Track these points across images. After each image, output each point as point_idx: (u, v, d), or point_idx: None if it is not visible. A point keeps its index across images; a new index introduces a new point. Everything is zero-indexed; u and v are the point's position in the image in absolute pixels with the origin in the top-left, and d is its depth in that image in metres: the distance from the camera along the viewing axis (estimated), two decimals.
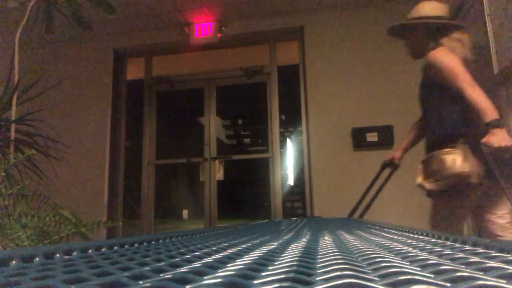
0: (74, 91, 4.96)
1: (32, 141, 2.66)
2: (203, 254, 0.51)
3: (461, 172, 1.77)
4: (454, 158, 1.80)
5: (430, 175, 1.89)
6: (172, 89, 5.16)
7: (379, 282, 0.31)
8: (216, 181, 4.75)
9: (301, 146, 4.59)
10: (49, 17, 2.84)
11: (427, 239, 0.69)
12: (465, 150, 1.80)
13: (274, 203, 4.52)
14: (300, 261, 0.43)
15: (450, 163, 1.80)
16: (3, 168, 1.85)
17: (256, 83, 4.92)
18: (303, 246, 0.61)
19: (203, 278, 0.33)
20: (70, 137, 4.54)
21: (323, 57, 4.49)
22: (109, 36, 5.01)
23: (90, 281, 0.33)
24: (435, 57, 1.93)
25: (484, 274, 0.33)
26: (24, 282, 0.32)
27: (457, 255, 0.46)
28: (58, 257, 0.48)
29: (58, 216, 1.68)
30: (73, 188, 4.59)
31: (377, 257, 0.45)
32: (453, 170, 1.79)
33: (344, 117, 4.26)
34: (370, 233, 0.91)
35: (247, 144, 7.56)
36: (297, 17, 4.66)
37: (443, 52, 1.92)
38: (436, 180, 1.86)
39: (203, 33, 4.78)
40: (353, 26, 4.50)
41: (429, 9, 2.05)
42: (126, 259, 0.47)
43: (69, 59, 5.07)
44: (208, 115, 4.95)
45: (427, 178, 1.92)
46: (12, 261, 0.43)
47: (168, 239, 0.75)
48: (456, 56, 1.89)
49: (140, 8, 4.46)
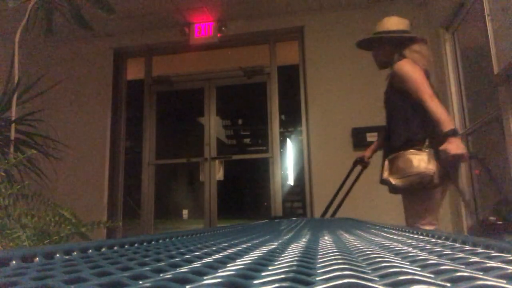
0: (74, 91, 4.96)
1: (32, 141, 2.66)
2: (203, 254, 0.51)
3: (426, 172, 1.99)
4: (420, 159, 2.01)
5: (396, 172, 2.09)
6: (172, 89, 5.16)
7: (379, 282, 0.31)
8: (216, 181, 4.75)
9: (301, 146, 4.59)
10: (49, 17, 2.84)
11: (427, 239, 0.69)
12: (430, 153, 2.03)
13: (274, 203, 4.52)
14: (300, 261, 0.43)
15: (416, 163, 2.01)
16: (3, 168, 1.85)
17: (256, 83, 4.92)
18: (303, 246, 0.61)
19: (203, 278, 0.33)
20: (70, 137, 4.54)
21: (323, 57, 4.49)
22: (109, 36, 5.01)
23: (90, 281, 0.33)
24: (401, 68, 2.12)
25: (484, 274, 0.33)
26: (24, 282, 0.32)
27: (457, 255, 0.46)
28: (58, 257, 0.48)
29: (58, 216, 1.68)
30: (73, 188, 4.59)
31: (377, 257, 0.45)
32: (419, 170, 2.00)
33: (344, 117, 4.26)
34: (370, 233, 0.91)
35: (247, 144, 7.56)
36: (297, 17, 4.66)
37: (408, 63, 2.12)
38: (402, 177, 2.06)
39: (203, 33, 4.78)
40: (353, 26, 4.49)
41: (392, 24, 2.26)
42: (126, 259, 0.47)
43: (69, 59, 5.07)
44: (208, 115, 4.95)
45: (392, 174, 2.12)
46: (12, 261, 0.43)
47: (168, 239, 0.75)
48: (419, 68, 2.10)
49: (140, 8, 4.46)
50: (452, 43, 3.88)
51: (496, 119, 2.96)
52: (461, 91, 3.74)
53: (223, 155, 4.94)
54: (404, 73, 2.10)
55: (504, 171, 2.86)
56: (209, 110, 4.96)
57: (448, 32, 3.91)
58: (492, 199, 2.03)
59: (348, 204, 2.77)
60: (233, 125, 7.27)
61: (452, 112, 3.78)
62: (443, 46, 3.92)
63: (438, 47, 4.05)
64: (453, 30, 3.84)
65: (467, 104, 3.67)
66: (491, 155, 3.33)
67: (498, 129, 2.94)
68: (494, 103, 2.97)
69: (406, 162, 2.05)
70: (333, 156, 4.23)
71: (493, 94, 3.00)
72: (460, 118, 3.73)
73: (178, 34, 4.87)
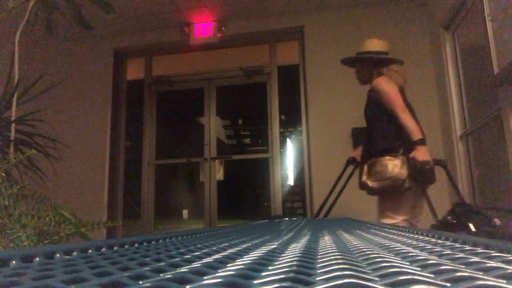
0: (74, 91, 4.96)
1: (32, 141, 2.66)
2: (203, 254, 0.51)
3: (398, 177, 2.25)
4: (394, 165, 2.28)
5: (373, 175, 2.36)
6: (172, 89, 5.16)
7: (379, 282, 0.31)
8: (216, 181, 4.75)
9: (301, 146, 4.58)
10: (49, 17, 2.84)
11: (427, 239, 0.69)
12: (403, 159, 2.28)
13: (274, 203, 4.52)
14: (300, 261, 0.43)
15: (391, 168, 2.28)
16: (3, 168, 1.85)
17: (256, 83, 4.91)
18: (303, 246, 0.61)
19: (203, 278, 0.33)
20: (70, 137, 4.54)
21: (323, 57, 4.49)
22: (109, 36, 5.01)
23: (90, 281, 0.33)
24: (378, 84, 2.41)
25: (484, 274, 0.33)
26: (24, 282, 0.32)
27: (457, 255, 0.46)
28: (58, 257, 0.48)
29: (58, 216, 1.68)
30: (73, 188, 4.59)
31: (377, 257, 0.45)
32: (392, 174, 2.26)
33: (344, 117, 4.26)
34: (370, 233, 0.91)
35: (247, 144, 7.55)
36: (297, 17, 4.66)
37: (384, 80, 2.41)
38: (378, 180, 2.33)
39: (203, 33, 4.78)
40: (353, 26, 4.50)
41: (373, 45, 2.55)
42: (126, 259, 0.47)
43: (69, 59, 5.07)
44: (208, 115, 4.95)
45: (370, 178, 2.38)
46: (12, 261, 0.43)
47: (168, 239, 0.75)
48: (394, 85, 2.38)
49: (140, 8, 4.46)
50: (452, 43, 3.87)
51: (496, 119, 2.96)
52: (461, 91, 3.74)
53: (223, 155, 4.94)
54: (381, 89, 2.39)
55: (504, 171, 2.86)
56: (209, 110, 4.96)
57: (448, 32, 3.91)
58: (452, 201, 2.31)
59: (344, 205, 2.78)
60: (233, 125, 7.27)
61: (452, 112, 3.78)
62: (443, 46, 3.92)
63: (438, 47, 4.05)
64: (453, 30, 3.84)
65: (467, 104, 3.67)
66: (491, 155, 3.33)
67: (498, 129, 2.94)
68: (494, 103, 2.97)
69: (382, 167, 2.31)
70: (333, 156, 4.22)
71: (493, 94, 3.00)
72: (460, 118, 3.73)
73: (178, 34, 4.87)
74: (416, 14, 4.39)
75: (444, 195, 2.43)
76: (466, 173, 3.59)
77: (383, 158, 2.33)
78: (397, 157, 2.30)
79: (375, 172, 2.34)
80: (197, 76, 5.12)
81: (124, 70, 5.24)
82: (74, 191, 4.56)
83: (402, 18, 4.40)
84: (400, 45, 4.33)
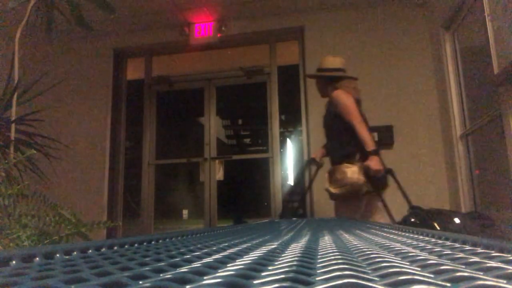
0: (74, 91, 4.96)
1: (32, 141, 2.66)
2: (203, 254, 0.51)
3: (357, 182, 2.45)
4: (353, 171, 2.47)
5: (334, 182, 2.56)
6: (172, 89, 5.16)
7: (379, 282, 0.31)
8: (216, 181, 4.75)
9: (301, 146, 4.58)
10: (49, 17, 2.84)
11: (427, 239, 0.69)
12: (360, 166, 2.49)
13: (274, 203, 4.52)
14: (300, 261, 0.43)
15: (350, 174, 2.47)
16: (3, 168, 1.85)
17: (256, 83, 4.91)
18: (303, 246, 0.61)
19: (203, 278, 0.33)
20: (70, 137, 4.54)
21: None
22: (109, 36, 5.01)
23: (90, 281, 0.33)
24: (337, 96, 2.63)
25: (484, 274, 0.33)
26: (24, 282, 0.32)
27: (457, 255, 0.46)
28: (58, 257, 0.48)
29: (58, 216, 1.68)
30: (73, 188, 4.59)
31: (377, 257, 0.45)
32: (352, 180, 2.46)
33: None
34: (370, 233, 0.90)
35: (247, 144, 7.55)
36: (297, 17, 4.66)
37: (342, 93, 2.62)
38: (339, 186, 2.52)
39: (203, 33, 4.78)
40: (353, 26, 4.50)
41: (329, 62, 2.79)
42: (126, 259, 0.47)
43: (69, 59, 5.07)
44: (208, 115, 4.95)
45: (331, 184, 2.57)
46: (12, 261, 0.43)
47: (168, 239, 0.75)
48: (351, 97, 2.59)
49: (140, 8, 4.46)
50: (452, 43, 3.87)
51: (496, 119, 2.96)
52: (461, 91, 3.74)
53: (223, 155, 4.94)
54: (339, 101, 2.59)
55: (504, 171, 2.86)
56: (209, 110, 4.96)
57: (448, 32, 3.91)
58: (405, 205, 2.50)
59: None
60: (233, 125, 7.26)
61: (452, 112, 3.78)
62: (443, 46, 3.92)
63: (438, 47, 4.05)
64: (453, 30, 3.84)
65: (467, 104, 3.67)
66: (491, 155, 3.33)
67: (498, 129, 2.93)
68: (494, 103, 2.97)
69: (341, 174, 2.51)
70: None
71: (493, 94, 3.00)
72: (460, 118, 3.73)
73: (178, 34, 4.86)
74: (416, 14, 4.38)
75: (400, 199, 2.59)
76: (466, 173, 3.59)
77: (341, 165, 2.54)
78: (354, 163, 2.51)
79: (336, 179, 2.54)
80: (197, 76, 5.12)
81: (124, 70, 5.24)
82: (74, 191, 4.56)
83: (402, 18, 4.40)
84: (400, 45, 4.33)
